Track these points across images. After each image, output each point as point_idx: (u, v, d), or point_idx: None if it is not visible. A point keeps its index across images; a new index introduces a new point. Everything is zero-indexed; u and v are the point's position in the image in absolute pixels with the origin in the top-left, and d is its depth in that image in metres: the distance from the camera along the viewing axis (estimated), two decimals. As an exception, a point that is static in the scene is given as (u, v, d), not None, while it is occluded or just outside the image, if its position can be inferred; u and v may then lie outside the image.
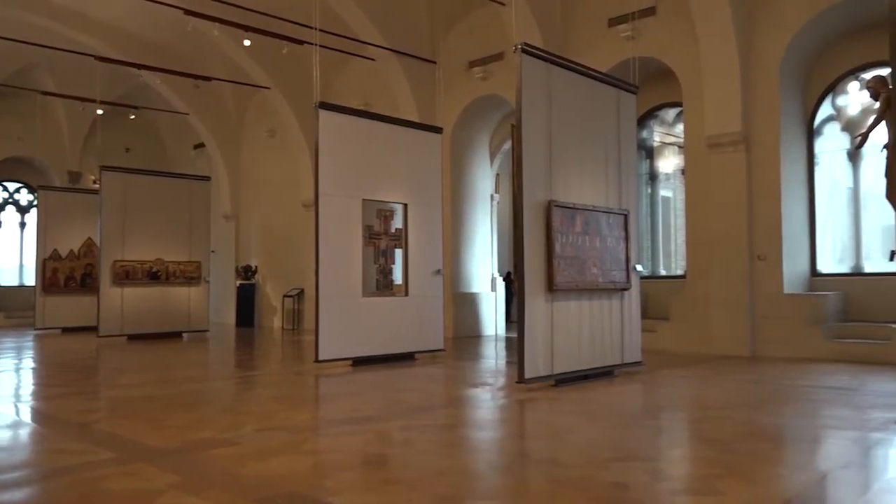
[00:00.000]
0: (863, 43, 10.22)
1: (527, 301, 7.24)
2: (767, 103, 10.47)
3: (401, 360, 10.00)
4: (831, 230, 11.19)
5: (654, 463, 4.54)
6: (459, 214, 14.66)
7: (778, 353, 10.07)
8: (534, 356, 7.27)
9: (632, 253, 8.66)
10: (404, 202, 10.28)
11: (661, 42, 11.44)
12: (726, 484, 3.86)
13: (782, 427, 5.60)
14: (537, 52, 7.66)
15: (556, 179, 7.67)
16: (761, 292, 10.40)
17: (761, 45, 10.50)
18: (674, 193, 13.63)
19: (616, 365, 8.39)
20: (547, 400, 6.84)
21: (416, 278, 10.30)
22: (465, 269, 14.75)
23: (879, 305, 9.95)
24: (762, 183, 10.49)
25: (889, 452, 4.69)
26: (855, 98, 10.73)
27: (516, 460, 4.67)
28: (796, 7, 10.18)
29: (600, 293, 8.21)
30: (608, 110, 8.57)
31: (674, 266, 13.33)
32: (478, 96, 14.13)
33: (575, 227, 7.83)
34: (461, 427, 5.79)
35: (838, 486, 3.98)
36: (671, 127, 13.27)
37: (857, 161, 10.83)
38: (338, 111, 9.70)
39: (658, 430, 5.76)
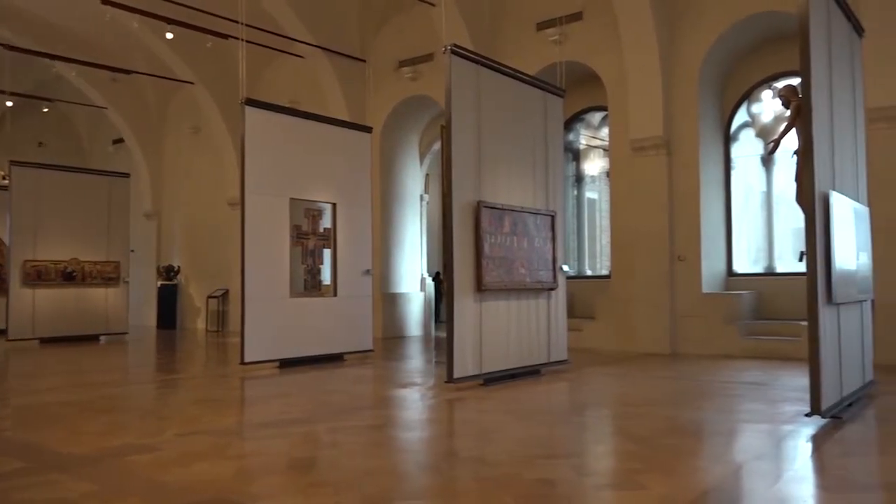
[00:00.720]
0: (775, 53, 10.71)
1: (456, 301, 7.27)
2: (687, 109, 10.85)
3: (329, 361, 9.89)
4: (746, 232, 11.68)
5: (579, 459, 4.63)
6: (389, 214, 14.61)
7: (697, 351, 10.45)
8: (462, 356, 7.31)
9: (558, 253, 8.82)
10: (333, 202, 10.16)
11: (588, 47, 11.69)
12: (648, 478, 3.97)
13: (701, 421, 5.80)
14: (466, 54, 7.70)
15: (484, 180, 7.74)
16: (681, 292, 10.76)
17: (682, 53, 10.87)
18: (599, 195, 13.95)
19: (543, 364, 8.53)
20: (475, 399, 6.89)
21: (345, 278, 10.21)
22: (394, 269, 14.70)
23: (790, 304, 10.43)
24: (682, 186, 10.86)
25: (798, 443, 4.92)
26: (768, 106, 11.23)
27: (444, 460, 4.68)
28: (714, 17, 10.58)
29: (528, 293, 8.33)
30: (536, 113, 8.70)
31: (599, 266, 13.64)
32: (408, 96, 14.11)
33: (503, 228, 7.92)
34: (389, 428, 5.77)
35: (752, 477, 4.15)
36: (597, 130, 13.58)
37: (770, 166, 11.33)
38: (265, 108, 9.51)
39: (583, 427, 5.87)
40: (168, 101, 18.97)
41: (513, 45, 12.40)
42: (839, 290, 5.61)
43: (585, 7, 11.70)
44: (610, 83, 11.57)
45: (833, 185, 5.82)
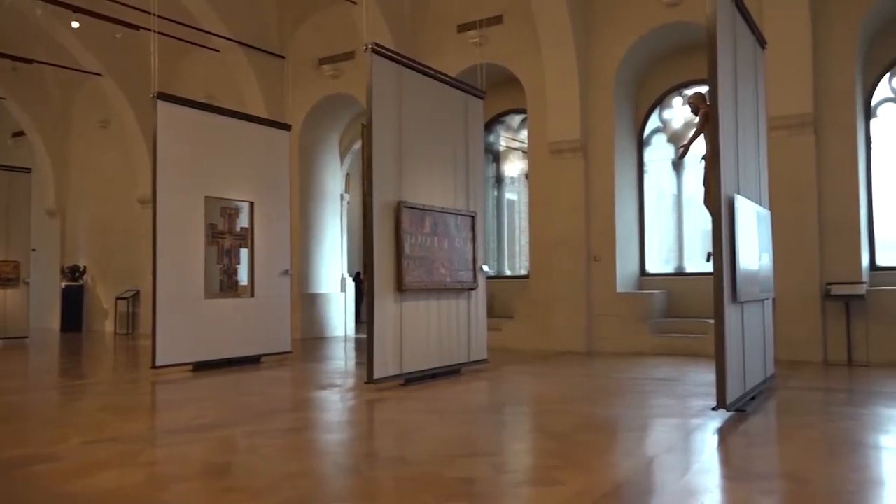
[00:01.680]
0: (686, 62, 11.14)
1: (376, 301, 7.23)
2: (603, 114, 11.16)
3: (246, 363, 9.66)
4: (658, 233, 12.11)
5: (498, 457, 4.69)
6: (308, 214, 14.39)
7: (612, 348, 10.76)
8: (383, 356, 7.28)
9: (479, 254, 8.91)
10: (250, 200, 9.93)
11: (508, 50, 11.86)
12: (565, 474, 4.05)
13: (614, 417, 5.97)
14: (388, 54, 7.68)
15: (405, 180, 7.73)
16: (597, 291, 11.06)
17: (598, 59, 11.17)
18: (518, 196, 14.17)
19: (463, 363, 8.59)
20: (396, 399, 6.87)
21: (263, 279, 9.99)
22: (313, 269, 14.49)
23: (698, 302, 10.87)
24: (598, 188, 11.16)
25: (706, 436, 5.14)
26: (679, 112, 11.68)
27: (364, 461, 4.65)
28: (629, 25, 10.92)
29: (448, 293, 8.37)
30: (457, 114, 8.76)
31: (518, 266, 13.86)
32: (328, 94, 13.94)
33: (424, 228, 7.93)
34: (308, 430, 5.68)
35: (662, 470, 4.30)
36: (516, 132, 13.79)
37: (680, 170, 11.79)
38: (178, 103, 9.20)
39: (502, 425, 5.95)
40: (74, 94, 18.06)
41: (434, 45, 12.45)
42: (743, 290, 5.89)
43: (505, 11, 11.86)
44: (529, 86, 11.77)
45: (738, 189, 6.11)
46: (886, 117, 10.02)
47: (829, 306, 9.20)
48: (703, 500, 3.58)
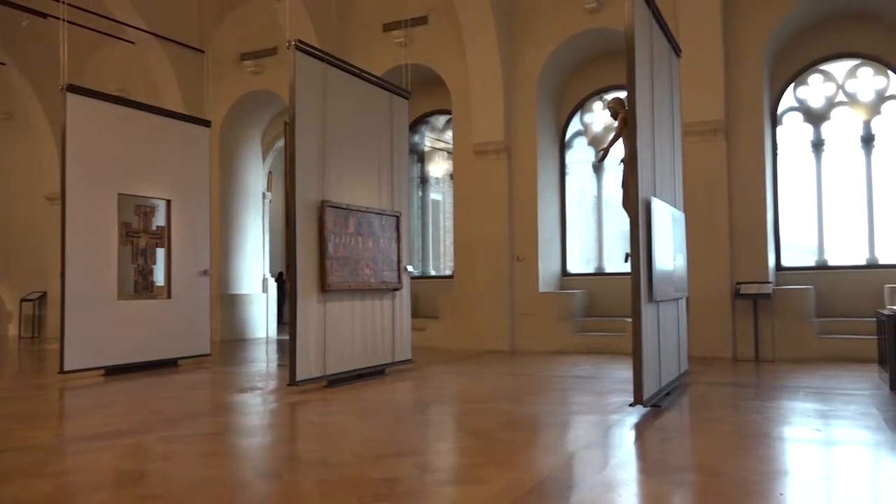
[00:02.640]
0: (606, 67, 11.44)
1: (299, 302, 7.12)
2: (527, 116, 11.34)
3: (162, 367, 9.34)
4: (579, 234, 12.40)
5: (422, 456, 4.69)
6: (229, 212, 14.04)
7: (534, 347, 10.94)
8: (306, 357, 7.18)
9: (403, 254, 8.89)
10: (167, 198, 9.61)
11: (432, 51, 11.89)
12: (488, 472, 4.09)
13: (537, 415, 6.07)
14: (312, 51, 7.57)
15: (329, 180, 7.64)
16: (520, 291, 11.23)
17: (522, 63, 11.34)
18: (443, 197, 14.24)
19: (388, 363, 8.56)
20: (319, 401, 6.78)
21: (181, 279, 9.68)
22: (234, 269, 14.15)
23: (617, 302, 11.19)
24: (521, 189, 11.34)
25: (623, 431, 5.29)
26: (599, 116, 11.99)
27: (286, 464, 4.56)
28: (552, 30, 11.13)
29: (372, 293, 8.32)
30: (382, 114, 8.72)
31: (443, 266, 13.92)
32: (250, 91, 13.64)
33: (348, 228, 7.86)
34: (227, 435, 5.54)
35: (582, 465, 4.40)
36: (441, 133, 13.85)
37: (601, 173, 12.10)
38: (89, 96, 8.81)
39: (427, 425, 5.96)
40: (-26, 83, 17.05)
41: (359, 44, 12.36)
42: (659, 289, 6.10)
43: (431, 12, 11.89)
44: (454, 88, 11.84)
45: (654, 192, 6.31)
46: (791, 125, 10.57)
47: (739, 305, 9.64)
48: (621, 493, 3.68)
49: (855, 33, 10.07)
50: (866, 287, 9.59)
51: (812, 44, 10.29)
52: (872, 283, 9.53)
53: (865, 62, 10.19)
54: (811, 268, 10.34)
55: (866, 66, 10.20)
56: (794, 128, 10.56)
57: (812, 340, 9.34)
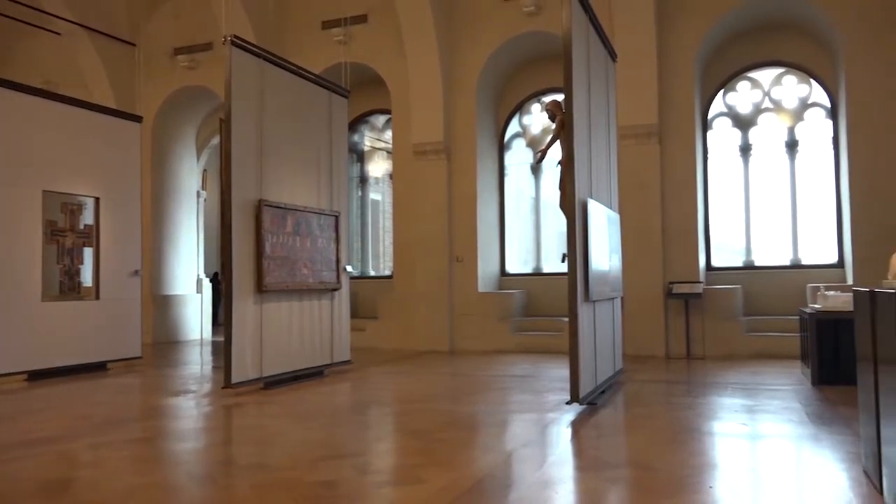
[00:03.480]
0: (544, 70, 11.59)
1: (235, 303, 6.98)
2: (466, 117, 11.40)
3: (90, 370, 9.01)
4: (517, 235, 12.53)
5: (361, 458, 4.65)
6: (162, 211, 13.65)
7: (473, 347, 11.00)
8: (242, 359, 7.04)
9: (342, 254, 8.82)
10: (96, 196, 9.27)
11: (372, 50, 11.83)
12: (428, 472, 4.09)
13: (475, 414, 6.11)
14: (249, 47, 7.44)
15: (266, 178, 7.52)
16: (459, 291, 11.28)
17: (462, 64, 11.40)
18: (383, 197, 14.18)
19: (326, 364, 8.47)
20: (255, 404, 6.66)
21: (110, 280, 9.35)
22: (167, 269, 13.76)
23: (555, 301, 11.35)
24: (461, 190, 11.39)
25: (560, 429, 5.37)
26: (537, 118, 12.14)
27: (220, 469, 4.46)
28: (491, 32, 11.22)
29: (311, 293, 8.22)
30: (320, 112, 8.63)
31: (382, 267, 13.86)
32: (184, 86, 13.29)
33: (286, 228, 7.75)
34: (159, 439, 5.38)
35: (520, 463, 4.45)
36: (381, 132, 13.79)
37: (539, 174, 12.26)
38: (12, 88, 8.43)
39: (365, 426, 5.92)
40: None
41: (298, 41, 12.20)
42: (595, 289, 6.21)
43: (370, 10, 11.83)
44: (394, 87, 11.80)
45: (591, 193, 6.43)
46: (720, 130, 10.93)
47: (671, 304, 9.91)
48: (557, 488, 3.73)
49: (780, 43, 10.48)
50: (790, 286, 10.00)
51: (740, 52, 10.67)
52: (796, 282, 9.94)
53: (790, 70, 10.62)
54: (739, 268, 10.72)
55: (791, 74, 10.63)
56: (723, 132, 10.93)
57: (740, 338, 9.67)
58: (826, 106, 10.41)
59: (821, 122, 10.47)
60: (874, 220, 8.97)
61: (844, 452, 4.41)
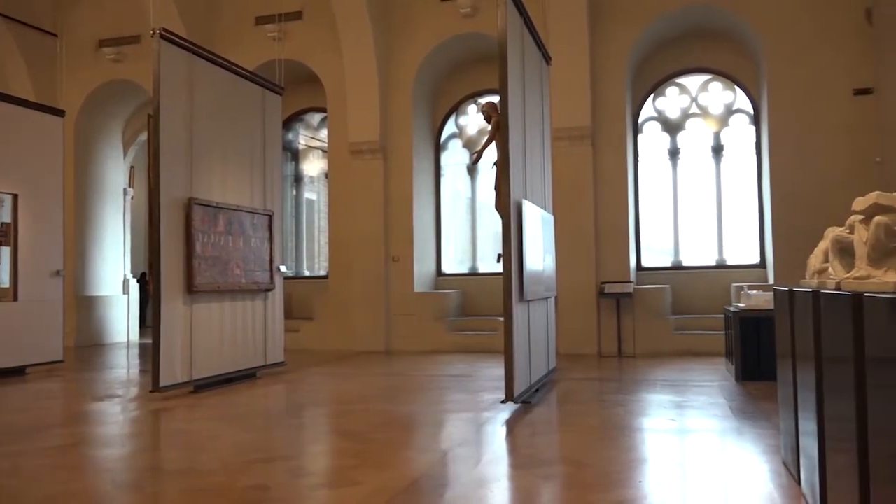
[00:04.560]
0: (481, 71, 11.65)
1: (163, 304, 6.78)
2: (402, 117, 11.38)
3: (7, 375, 8.59)
4: (453, 235, 12.58)
5: (295, 461, 4.59)
6: (86, 209, 13.13)
7: (409, 347, 10.99)
8: (170, 362, 6.84)
9: (276, 253, 8.68)
10: (14, 192, 8.84)
11: (307, 47, 11.68)
12: (363, 473, 4.07)
13: (411, 414, 6.10)
14: (178, 41, 7.23)
15: (197, 176, 7.32)
16: (395, 291, 11.25)
17: (398, 63, 11.37)
18: (318, 196, 14.01)
19: (259, 367, 8.32)
20: (185, 407, 6.49)
21: (29, 280, 8.94)
22: (92, 269, 13.24)
23: (490, 301, 11.43)
24: (397, 190, 11.36)
25: (496, 428, 5.41)
26: (473, 119, 12.22)
27: (148, 475, 4.32)
28: (427, 32, 11.23)
29: (243, 294, 8.06)
30: (254, 109, 8.47)
31: (317, 267, 13.69)
32: (109, 80, 12.83)
33: (217, 227, 7.57)
34: (83, 446, 5.17)
35: (456, 462, 4.46)
36: (316, 131, 13.62)
37: (474, 175, 12.33)
38: (-78, 78, 7.98)
39: (300, 428, 5.84)
40: None
41: (230, 36, 11.93)
42: (529, 289, 6.29)
43: (305, 7, 11.68)
44: (329, 86, 11.69)
45: (525, 194, 6.51)
46: (650, 134, 11.24)
47: (603, 304, 10.12)
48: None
49: (707, 50, 10.85)
50: (716, 286, 10.35)
51: (669, 58, 10.99)
52: (721, 282, 10.30)
53: (716, 77, 11.00)
54: (668, 268, 11.04)
55: (717, 81, 11.01)
56: (653, 136, 11.24)
57: (669, 336, 9.96)
58: (749, 112, 10.83)
59: (745, 128, 10.89)
60: (793, 222, 9.36)
61: (765, 445, 4.59)
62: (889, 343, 2.01)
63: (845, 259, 3.06)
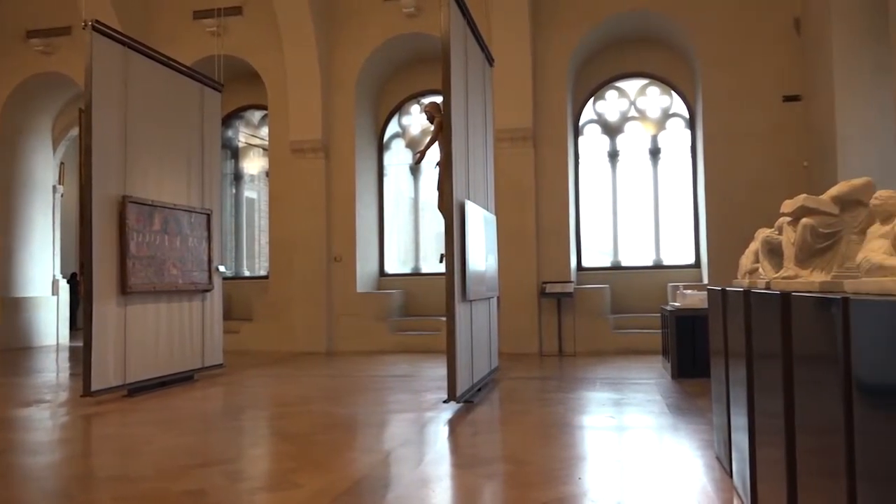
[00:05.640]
0: (424, 71, 11.66)
1: (95, 305, 6.55)
2: (345, 116, 11.29)
3: (-74, 381, 8.19)
4: (396, 235, 12.54)
5: (233, 465, 4.50)
6: (12, 206, 12.58)
7: (352, 348, 10.91)
8: (103, 365, 6.62)
9: (214, 253, 8.49)
10: (-66, 188, 8.44)
11: (248, 43, 11.47)
12: (303, 476, 4.01)
13: (354, 415, 6.06)
14: (112, 33, 7.01)
15: (132, 173, 7.11)
16: (337, 291, 11.15)
17: (341, 61, 11.28)
18: (258, 195, 13.77)
19: (197, 369, 8.13)
20: (119, 412, 6.29)
21: (-50, 281, 8.53)
22: (18, 269, 12.70)
23: (433, 301, 11.44)
24: (340, 189, 11.27)
25: (438, 428, 5.42)
26: (416, 119, 12.21)
27: (78, 483, 4.17)
28: (370, 30, 11.17)
29: (180, 295, 7.86)
30: (192, 106, 8.27)
31: (257, 267, 13.46)
32: (38, 72, 12.33)
33: (153, 226, 7.36)
34: (9, 454, 4.95)
35: (398, 463, 4.45)
36: (257, 129, 13.39)
37: (418, 175, 12.32)
38: None
39: (239, 432, 5.73)
40: None
41: (167, 30, 11.63)
42: (472, 289, 6.32)
43: (245, 2, 11.47)
44: (270, 83, 11.51)
45: (468, 194, 6.54)
46: (591, 136, 11.44)
47: (544, 303, 10.25)
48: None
49: (645, 55, 11.10)
50: (653, 285, 10.60)
51: (609, 62, 11.21)
52: (658, 281, 10.55)
53: (653, 82, 11.28)
54: (607, 268, 11.25)
55: (654, 85, 11.29)
56: (593, 138, 11.45)
57: (608, 335, 10.16)
58: (685, 116, 11.14)
59: (681, 132, 11.19)
60: (727, 223, 9.65)
61: (699, 440, 4.73)
62: (815, 340, 2.09)
63: (774, 259, 3.18)
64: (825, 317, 1.94)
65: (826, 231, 2.54)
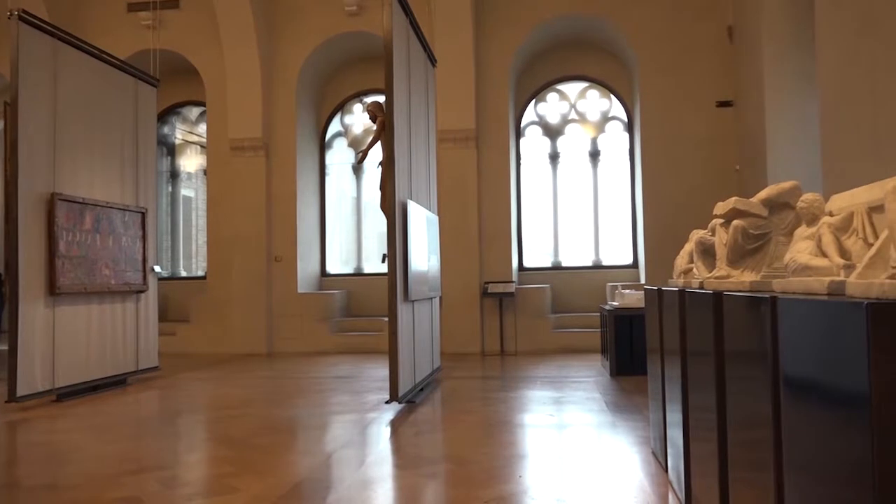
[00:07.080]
0: (366, 70, 11.59)
1: (21, 307, 6.29)
2: (286, 114, 11.13)
3: None
4: (338, 234, 12.43)
5: (169, 471, 4.38)
6: (-69, 204, 11.98)
7: (293, 349, 10.76)
8: (30, 370, 6.36)
9: (149, 253, 8.26)
10: None
11: (185, 38, 11.20)
12: (241, 480, 3.94)
13: (294, 418, 5.98)
14: (40, 24, 6.74)
15: (61, 170, 6.85)
16: (278, 292, 10.98)
17: (282, 58, 11.12)
18: (196, 193, 13.45)
19: (130, 372, 7.90)
20: (47, 418, 6.05)
21: None
22: (-62, 270, 12.10)
23: (375, 301, 11.39)
24: (280, 188, 11.10)
25: (380, 429, 5.40)
26: (359, 118, 12.13)
27: (3, 492, 3.99)
28: (312, 28, 11.05)
29: (113, 296, 7.62)
30: (125, 101, 8.02)
31: (195, 267, 13.15)
32: (-40, 63, 11.77)
33: (84, 225, 7.11)
34: (-74, 464, 4.72)
35: (340, 464, 4.41)
36: (194, 125, 13.07)
37: (360, 174, 12.24)
38: None
39: (174, 437, 5.58)
40: None
41: (99, 22, 11.25)
42: (414, 289, 6.32)
43: (183, -4, 11.20)
44: (208, 79, 11.26)
45: (411, 195, 6.53)
46: (532, 138, 11.57)
47: (487, 303, 10.32)
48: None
49: (586, 59, 11.29)
50: (592, 285, 10.79)
51: (551, 65, 11.36)
52: (597, 281, 10.74)
53: (593, 85, 11.48)
54: (548, 268, 11.40)
55: (594, 89, 11.49)
56: (534, 140, 11.58)
57: (549, 334, 10.29)
58: (624, 120, 11.37)
59: (619, 135, 11.42)
60: (662, 224, 9.90)
61: (636, 437, 4.83)
62: (745, 338, 2.16)
63: (707, 260, 3.27)
64: (755, 315, 2.01)
65: (756, 233, 2.63)
